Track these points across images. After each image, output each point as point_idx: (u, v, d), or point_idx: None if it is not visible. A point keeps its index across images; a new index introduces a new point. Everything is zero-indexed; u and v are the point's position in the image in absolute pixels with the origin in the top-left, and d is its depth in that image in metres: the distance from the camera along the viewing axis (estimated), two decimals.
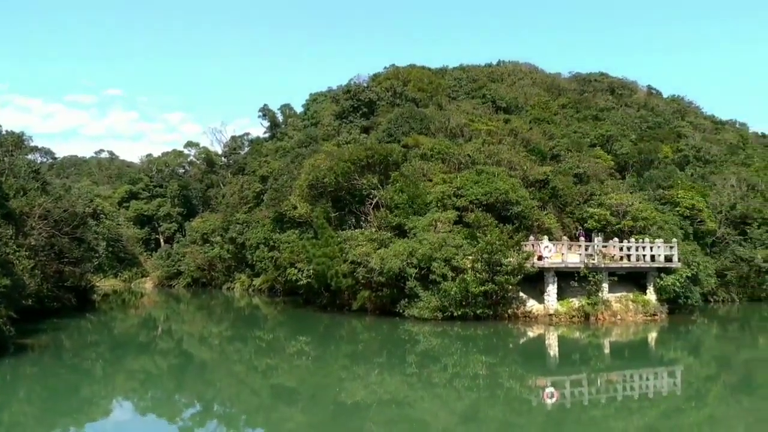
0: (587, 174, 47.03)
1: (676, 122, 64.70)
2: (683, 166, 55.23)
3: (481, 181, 39.25)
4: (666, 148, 55.42)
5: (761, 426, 16.29)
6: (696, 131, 63.06)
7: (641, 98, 71.25)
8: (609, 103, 66.13)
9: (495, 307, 34.54)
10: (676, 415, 17.53)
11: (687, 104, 74.75)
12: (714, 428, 16.23)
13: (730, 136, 66.21)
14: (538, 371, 23.71)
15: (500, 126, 51.95)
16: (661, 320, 36.55)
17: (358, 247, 37.39)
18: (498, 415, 16.93)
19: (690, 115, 70.05)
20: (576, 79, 74.24)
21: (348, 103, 60.24)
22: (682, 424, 16.65)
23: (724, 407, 18.43)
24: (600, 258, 35.88)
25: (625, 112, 64.12)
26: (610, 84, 73.23)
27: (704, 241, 46.47)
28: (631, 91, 73.04)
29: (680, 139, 59.54)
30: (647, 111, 66.64)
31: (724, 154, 59.26)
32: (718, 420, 17.06)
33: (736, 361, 26.47)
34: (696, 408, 18.33)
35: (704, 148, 58.67)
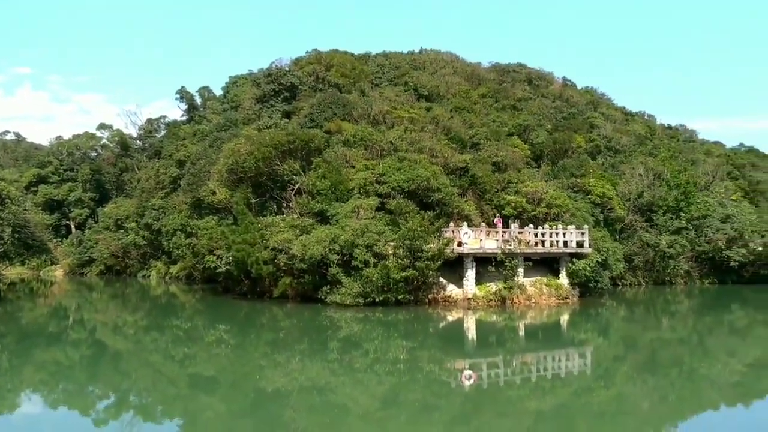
0: (505, 162, 48.20)
1: (589, 113, 67.10)
2: (595, 155, 57.46)
3: (403, 168, 39.59)
4: (579, 138, 57.48)
5: (664, 403, 17.28)
6: (607, 122, 65.62)
7: (557, 89, 73.49)
8: (526, 94, 67.85)
9: (416, 293, 35.05)
10: (587, 394, 18.35)
11: (599, 96, 77.73)
12: (621, 406, 17.07)
13: (639, 127, 69.32)
14: (457, 354, 24.25)
15: (422, 114, 52.45)
16: (573, 303, 38.10)
17: (280, 234, 37.02)
18: (418, 398, 17.22)
19: (602, 107, 72.85)
20: (495, 69, 75.73)
21: (269, 87, 59.29)
22: (592, 402, 17.44)
23: (631, 386, 19.41)
24: (516, 244, 36.96)
25: (541, 103, 65.96)
26: (527, 75, 75.11)
27: (613, 228, 48.69)
28: (547, 82, 75.20)
29: (593, 129, 61.86)
30: (562, 102, 68.83)
31: (633, 145, 62.00)
32: (625, 398, 17.97)
33: (642, 341, 27.90)
34: (605, 387, 19.23)
35: (615, 138, 61.21)
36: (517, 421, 15.12)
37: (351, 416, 15.59)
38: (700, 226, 52.18)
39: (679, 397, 17.92)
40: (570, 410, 16.48)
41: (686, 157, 64.77)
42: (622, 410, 16.52)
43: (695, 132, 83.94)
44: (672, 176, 54.39)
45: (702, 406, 17.08)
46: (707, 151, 73.01)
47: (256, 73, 69.60)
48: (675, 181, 53.77)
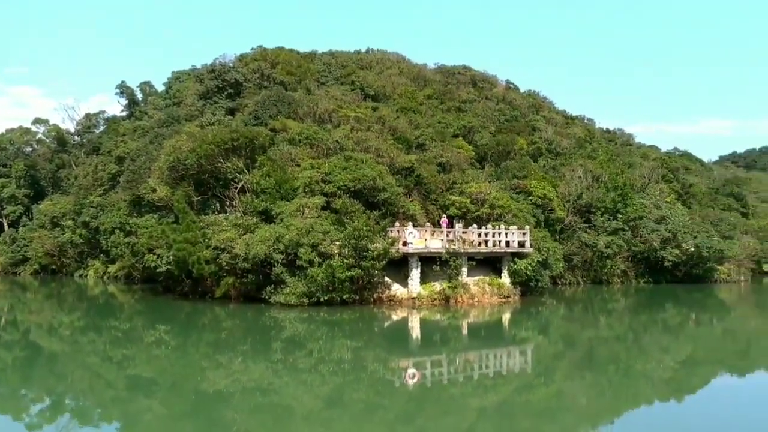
0: (450, 163, 48.74)
1: (532, 116, 68.46)
2: (537, 157, 58.68)
3: (349, 168, 39.53)
4: (521, 140, 58.58)
5: (601, 398, 17.81)
6: (549, 125, 67.07)
7: (500, 92, 74.67)
8: (471, 96, 68.71)
9: (361, 292, 35.06)
10: (527, 391, 18.71)
11: (541, 99, 79.37)
12: (560, 402, 17.48)
13: (578, 131, 71.11)
14: (401, 353, 24.36)
15: (368, 113, 52.49)
16: (515, 302, 38.82)
17: (222, 233, 36.45)
18: (362, 397, 17.23)
19: (544, 110, 74.39)
20: (441, 71, 76.43)
21: (213, 83, 58.30)
22: (533, 399, 17.79)
23: (570, 382, 19.89)
24: (460, 243, 37.41)
25: (485, 105, 66.89)
26: (472, 77, 76.05)
27: (554, 228, 49.84)
28: (491, 85, 76.31)
29: (534, 132, 63.16)
30: (505, 104, 69.96)
31: (573, 147, 63.59)
32: (564, 394, 18.41)
33: (581, 339, 28.63)
34: (545, 384, 19.66)
35: (556, 141, 62.66)
36: (459, 419, 15.29)
37: (294, 417, 15.47)
38: (636, 227, 53.95)
39: (616, 393, 18.47)
40: (511, 407, 16.77)
41: (623, 160, 66.82)
42: (562, 406, 16.92)
43: (632, 136, 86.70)
44: (610, 178, 56.00)
45: (637, 401, 17.63)
46: (643, 154, 75.52)
47: (200, 68, 68.36)
48: (613, 183, 55.40)
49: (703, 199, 69.84)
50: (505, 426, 14.84)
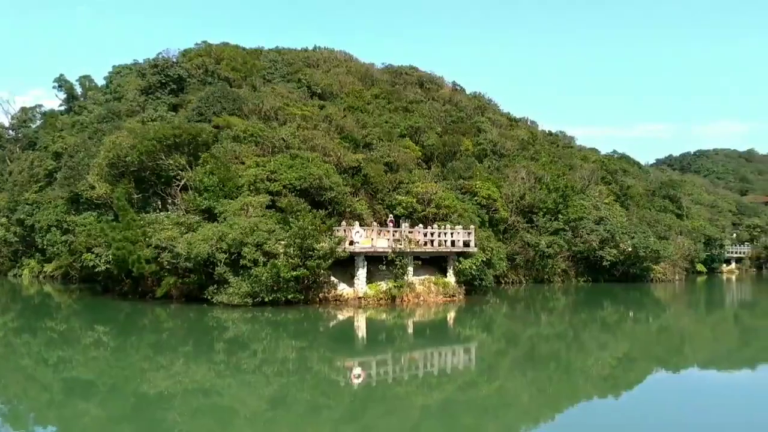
0: (397, 163, 48.96)
1: (477, 117, 69.36)
2: (482, 158, 59.51)
3: (295, 166, 39.23)
4: (467, 141, 59.31)
5: (542, 395, 18.16)
6: (493, 127, 68.10)
7: (447, 93, 75.42)
8: (418, 96, 69.17)
9: (306, 292, 34.82)
10: (471, 388, 18.92)
11: (487, 101, 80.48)
12: (503, 399, 17.75)
13: (522, 133, 72.42)
14: (347, 353, 24.30)
15: (315, 111, 52.27)
16: (459, 301, 39.26)
17: (164, 231, 35.65)
18: (306, 398, 17.10)
19: (489, 112, 75.49)
20: (388, 70, 76.66)
21: (155, 79, 57.04)
22: (476, 396, 18.00)
23: (512, 379, 20.22)
24: (406, 243, 37.59)
25: (432, 106, 67.46)
26: (419, 78, 76.56)
27: (498, 228, 50.67)
28: (438, 86, 76.99)
29: (480, 133, 64.02)
30: (452, 106, 70.75)
31: (517, 149, 64.72)
32: (506, 391, 18.71)
33: (523, 337, 29.15)
34: (488, 381, 19.92)
35: (500, 143, 63.65)
36: (404, 418, 15.35)
37: (238, 418, 15.23)
38: (576, 228, 55.34)
39: (556, 390, 18.87)
40: (455, 404, 16.93)
41: (565, 162, 68.35)
42: (504, 403, 17.19)
43: (574, 139, 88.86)
44: (551, 180, 57.25)
45: (577, 397, 18.05)
46: (584, 156, 77.42)
47: (142, 63, 66.73)
48: (554, 184, 56.65)
49: (640, 200, 72.10)
50: (449, 424, 14.96)
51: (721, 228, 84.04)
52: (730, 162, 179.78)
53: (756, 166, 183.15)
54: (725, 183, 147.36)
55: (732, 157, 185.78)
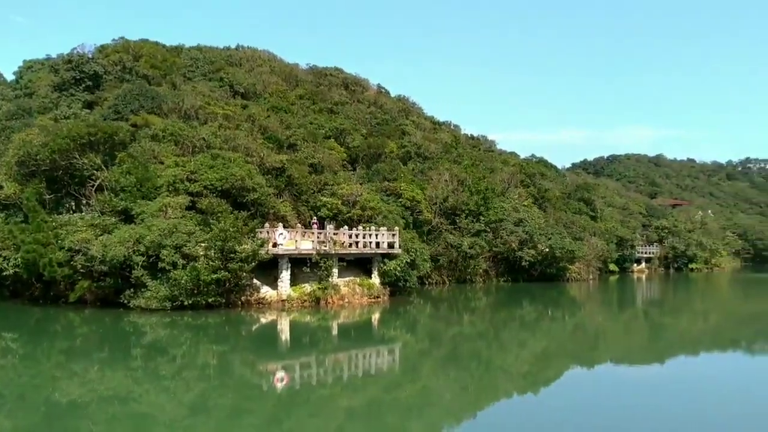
0: (322, 164, 48.73)
1: (401, 120, 69.97)
2: (406, 161, 60.06)
3: (216, 166, 38.38)
4: (392, 143, 59.73)
5: (464, 393, 18.48)
6: (418, 130, 68.86)
7: (372, 96, 75.74)
8: (343, 98, 69.13)
9: (228, 295, 34.08)
10: (395, 389, 19.03)
11: (411, 105, 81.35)
12: (427, 398, 17.92)
13: (445, 136, 73.57)
14: (270, 356, 23.97)
15: (238, 111, 51.39)
16: (384, 302, 39.46)
17: (77, 233, 34.07)
18: (228, 403, 16.74)
19: (413, 115, 76.32)
20: (313, 71, 76.29)
21: (69, 75, 54.63)
22: (400, 396, 18.12)
23: (435, 378, 20.47)
24: (331, 245, 37.45)
25: (357, 108, 67.57)
26: (344, 79, 76.55)
27: (422, 230, 51.23)
28: (363, 88, 77.20)
29: (404, 136, 64.61)
30: (377, 108, 71.10)
31: (440, 152, 65.60)
32: (430, 390, 18.91)
33: (446, 336, 29.58)
34: (411, 381, 20.08)
35: (424, 145, 64.37)
36: (328, 420, 15.27)
37: (156, 425, 14.74)
38: (497, 229, 56.69)
39: (478, 387, 19.25)
40: (379, 406, 16.98)
41: (486, 165, 69.81)
42: (428, 402, 17.36)
43: (494, 142, 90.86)
44: (473, 183, 58.38)
45: (497, 394, 18.48)
46: (504, 160, 79.34)
47: (55, 58, 63.76)
48: (476, 187, 57.79)
49: (557, 203, 74.53)
50: (374, 424, 14.99)
51: (632, 229, 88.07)
52: (641, 166, 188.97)
53: (664, 170, 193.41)
54: (636, 186, 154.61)
55: (642, 162, 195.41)
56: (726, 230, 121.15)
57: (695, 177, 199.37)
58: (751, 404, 16.59)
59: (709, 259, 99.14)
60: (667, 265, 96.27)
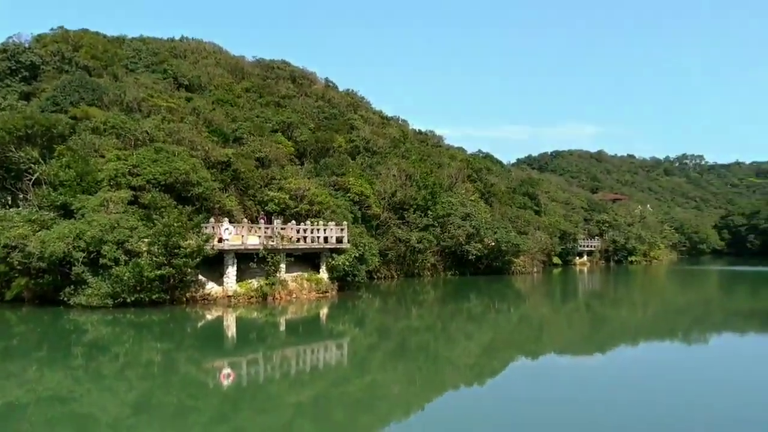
0: (269, 158, 48.24)
1: (350, 115, 69.78)
2: (354, 155, 60.02)
3: (159, 160, 37.56)
4: (340, 138, 59.57)
5: (412, 386, 18.65)
6: (366, 124, 68.81)
7: (320, 89, 75.30)
8: (290, 91, 68.54)
9: (172, 292, 33.46)
10: (343, 383, 19.06)
11: (359, 99, 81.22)
12: (375, 391, 18.02)
13: (393, 131, 73.75)
14: (216, 354, 23.64)
15: (182, 104, 50.35)
16: (332, 297, 39.40)
17: (13, 229, 32.80)
18: (173, 401, 16.46)
19: (362, 110, 76.21)
20: (260, 64, 75.37)
21: (5, 65, 52.63)
22: (349, 391, 18.16)
23: (383, 372, 20.58)
24: (279, 240, 37.16)
25: (304, 102, 67.09)
26: (291, 73, 75.88)
27: (370, 224, 51.34)
28: (310, 82, 76.70)
29: (353, 130, 64.51)
30: (325, 102, 70.74)
31: (389, 147, 65.80)
32: (378, 384, 19.01)
33: (394, 330, 29.74)
34: (360, 375, 20.14)
35: (372, 140, 64.43)
36: (276, 416, 15.18)
37: (98, 425, 14.38)
38: (445, 224, 57.29)
39: (425, 380, 19.45)
40: (328, 400, 16.98)
41: (434, 160, 70.45)
42: (376, 396, 17.46)
43: (442, 138, 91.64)
44: (421, 177, 58.84)
45: (444, 386, 18.70)
46: (452, 155, 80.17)
47: None
48: (424, 182, 58.28)
49: (503, 197, 75.78)
50: (322, 419, 14.99)
51: (575, 223, 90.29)
52: (583, 162, 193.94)
53: (605, 166, 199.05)
54: (578, 181, 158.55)
55: (584, 158, 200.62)
56: (663, 224, 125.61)
57: (634, 172, 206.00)
58: (688, 391, 17.29)
59: (648, 251, 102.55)
60: (607, 258, 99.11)
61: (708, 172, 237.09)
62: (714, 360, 22.50)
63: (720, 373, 19.78)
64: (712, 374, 19.71)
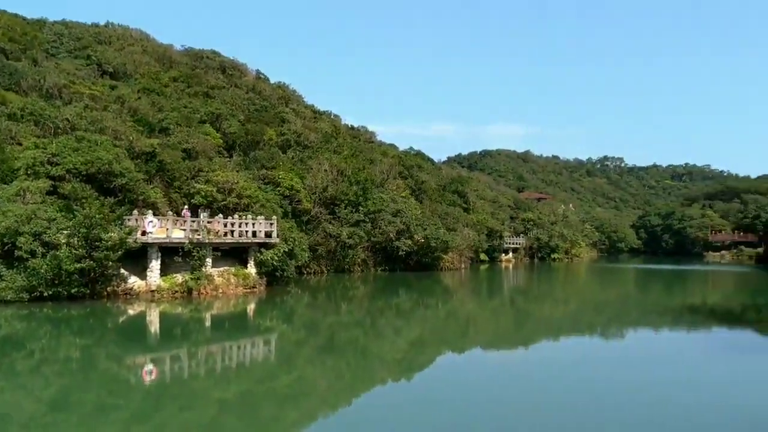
0: (196, 150, 47.17)
1: (281, 108, 69.16)
2: (285, 149, 59.48)
3: (81, 149, 36.13)
4: (271, 131, 58.88)
5: (340, 381, 18.67)
6: (298, 118, 68.39)
7: (250, 81, 74.25)
8: (220, 82, 67.30)
9: (93, 285, 32.24)
10: (270, 379, 18.87)
11: (291, 92, 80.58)
12: (303, 388, 17.93)
13: (325, 125, 73.59)
14: (138, 349, 22.97)
15: (106, 92, 48.65)
16: (260, 292, 38.93)
17: None
18: (92, 399, 15.89)
19: (293, 103, 75.68)
20: (189, 53, 73.67)
21: None
22: (276, 387, 17.99)
23: (311, 368, 20.50)
24: (205, 234, 36.40)
25: (234, 93, 65.98)
26: (221, 63, 74.52)
27: (301, 219, 51.01)
28: (241, 73, 75.50)
29: (284, 123, 63.93)
30: (255, 94, 69.80)
31: (320, 141, 65.60)
32: (305, 380, 18.92)
33: (323, 325, 29.67)
34: (287, 371, 19.98)
35: (304, 134, 64.06)
36: (201, 413, 14.89)
37: (11, 425, 13.70)
38: (376, 220, 57.58)
39: (354, 375, 19.50)
40: (254, 396, 16.78)
41: (366, 156, 70.68)
42: (303, 392, 17.38)
43: (374, 134, 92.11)
44: (353, 173, 58.91)
45: (373, 381, 18.80)
46: (384, 152, 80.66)
47: None
48: (355, 177, 58.36)
49: (433, 195, 76.82)
50: (248, 416, 14.80)
51: (501, 221, 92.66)
52: (510, 162, 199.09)
53: (531, 166, 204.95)
54: (506, 180, 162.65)
55: (512, 158, 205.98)
56: (585, 223, 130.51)
57: (559, 173, 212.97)
58: (605, 385, 18.03)
59: (570, 249, 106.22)
60: (532, 255, 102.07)
61: (627, 174, 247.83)
62: (628, 355, 23.53)
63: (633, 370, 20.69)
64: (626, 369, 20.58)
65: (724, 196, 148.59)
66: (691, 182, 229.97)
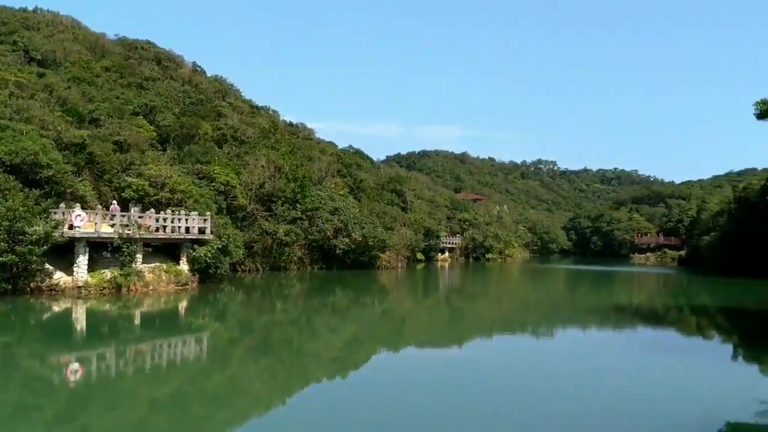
0: (128, 142, 45.77)
1: (218, 101, 67.88)
2: (221, 143, 58.40)
3: (4, 138, 34.54)
4: (206, 125, 57.71)
5: (275, 380, 18.48)
6: (235, 112, 67.26)
7: (186, 74, 72.58)
8: (155, 74, 65.52)
9: (15, 281, 30.86)
10: (202, 378, 18.48)
11: (228, 86, 79.18)
12: (235, 387, 17.63)
13: (263, 121, 72.62)
14: (63, 348, 22.11)
15: (33, 79, 46.65)
16: (193, 289, 38.13)
17: None
18: (13, 399, 15.19)
19: (230, 97, 74.38)
20: (122, 43, 71.46)
21: None
22: (207, 386, 17.63)
23: (245, 367, 20.21)
24: (136, 229, 35.38)
25: (169, 85, 64.37)
26: (156, 54, 72.58)
27: (236, 216, 50.22)
28: (177, 65, 73.72)
29: (220, 118, 62.73)
30: (191, 87, 68.27)
31: (258, 137, 64.71)
32: (239, 379, 18.62)
33: (257, 324, 29.31)
34: (220, 370, 19.63)
35: (241, 129, 63.04)
36: (128, 413, 14.45)
37: None
38: (313, 217, 57.30)
39: (288, 374, 19.33)
40: (185, 396, 16.41)
41: (304, 153, 70.19)
42: (236, 391, 17.09)
43: (313, 131, 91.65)
44: (291, 170, 58.40)
45: (307, 380, 18.68)
46: (322, 149, 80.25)
47: None
48: (293, 174, 57.88)
49: (371, 193, 76.99)
50: (178, 416, 14.46)
51: (438, 221, 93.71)
52: (448, 162, 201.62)
53: (468, 167, 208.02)
54: (443, 181, 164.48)
55: (449, 159, 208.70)
56: (518, 224, 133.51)
57: (494, 174, 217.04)
58: (536, 381, 18.49)
59: (503, 249, 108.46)
60: (467, 255, 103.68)
61: (560, 177, 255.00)
62: (558, 352, 24.20)
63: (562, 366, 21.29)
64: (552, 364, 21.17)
65: (650, 200, 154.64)
66: (620, 186, 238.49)
